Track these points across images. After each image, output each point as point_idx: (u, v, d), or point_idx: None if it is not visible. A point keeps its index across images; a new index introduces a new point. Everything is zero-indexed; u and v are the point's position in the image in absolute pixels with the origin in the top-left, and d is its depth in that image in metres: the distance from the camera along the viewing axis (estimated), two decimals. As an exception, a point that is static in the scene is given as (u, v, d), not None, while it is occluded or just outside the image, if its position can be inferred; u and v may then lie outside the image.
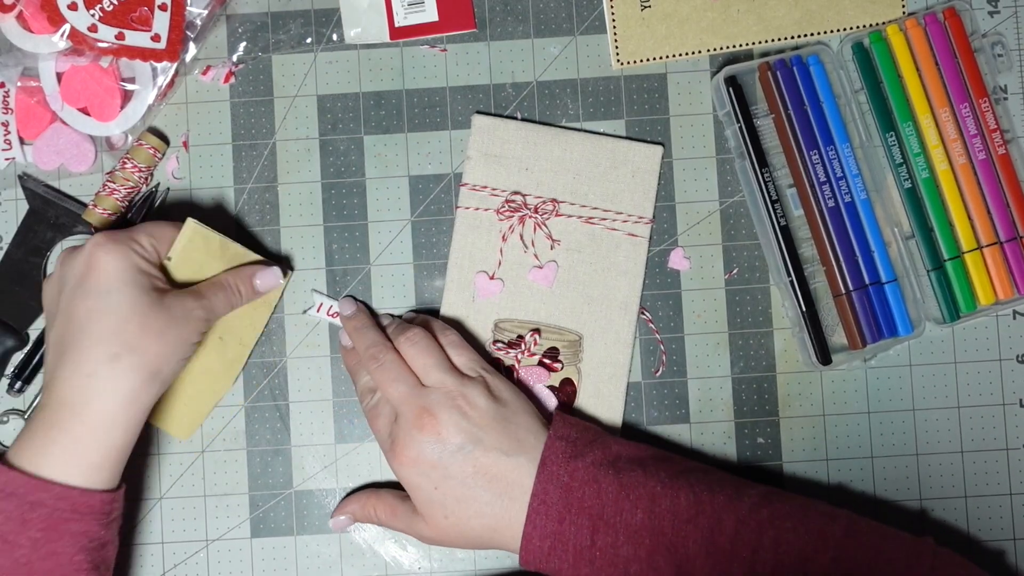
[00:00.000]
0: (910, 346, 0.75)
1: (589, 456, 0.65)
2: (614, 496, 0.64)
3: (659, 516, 0.63)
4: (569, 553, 0.64)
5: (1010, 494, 0.75)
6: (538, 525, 0.64)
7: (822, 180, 0.73)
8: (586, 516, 0.63)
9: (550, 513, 0.64)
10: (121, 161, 0.73)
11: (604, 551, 0.63)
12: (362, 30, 0.75)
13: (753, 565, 0.62)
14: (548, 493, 0.64)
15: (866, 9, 0.75)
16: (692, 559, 0.62)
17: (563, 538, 0.64)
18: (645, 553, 0.62)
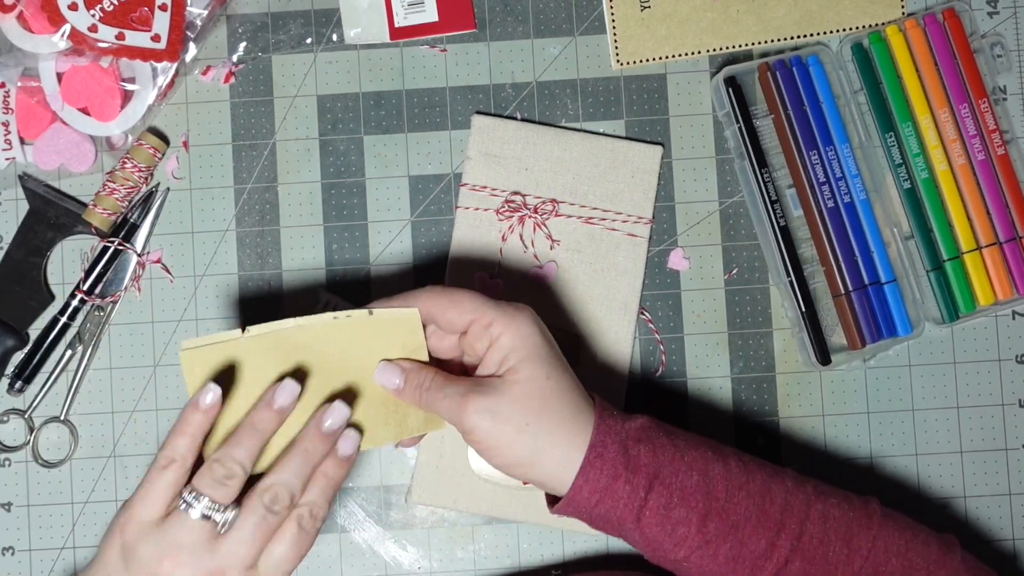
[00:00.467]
0: (909, 346, 0.75)
1: (639, 419, 0.63)
2: (669, 457, 0.62)
3: (713, 480, 0.62)
4: (618, 509, 0.61)
5: (1009, 494, 0.75)
6: (591, 478, 0.61)
7: (821, 180, 0.73)
8: (643, 475, 0.61)
9: (605, 468, 0.61)
10: (121, 161, 0.73)
11: (655, 511, 0.61)
12: (362, 30, 0.75)
13: (800, 537, 0.62)
14: (606, 446, 0.61)
15: (865, 10, 0.75)
16: (743, 526, 0.61)
17: (615, 494, 0.61)
18: (697, 517, 0.61)
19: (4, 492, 0.74)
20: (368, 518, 0.74)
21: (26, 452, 0.74)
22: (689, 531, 0.61)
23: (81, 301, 0.74)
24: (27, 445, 0.74)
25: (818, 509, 0.63)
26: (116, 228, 0.74)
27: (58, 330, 0.74)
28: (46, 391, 0.74)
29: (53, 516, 0.74)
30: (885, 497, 0.74)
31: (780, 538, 0.62)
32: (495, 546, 0.74)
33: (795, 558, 0.61)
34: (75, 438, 0.74)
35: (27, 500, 0.74)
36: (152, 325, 0.75)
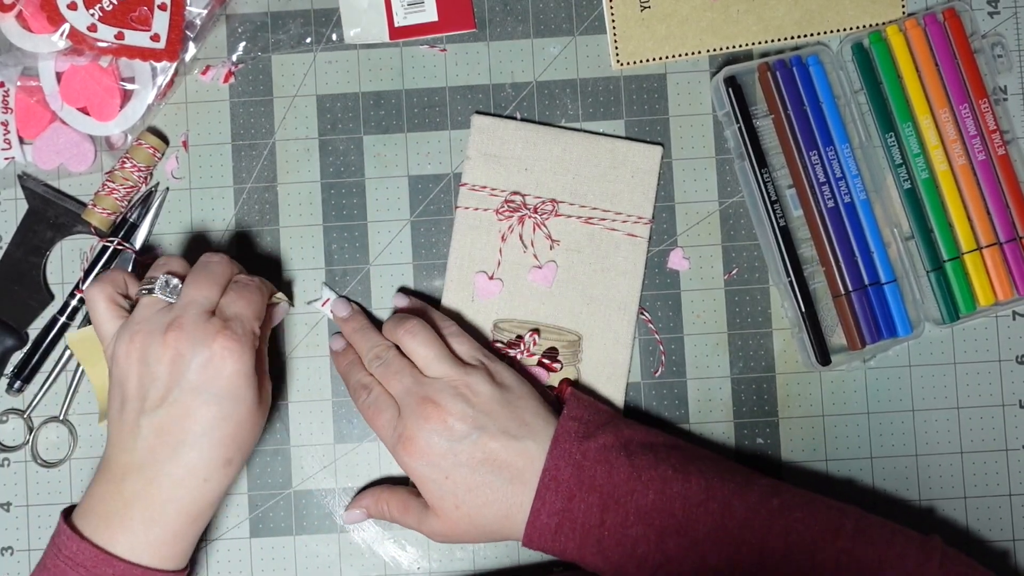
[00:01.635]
0: (909, 347, 0.75)
1: (601, 438, 0.65)
2: (626, 477, 0.64)
3: (670, 499, 0.63)
4: (576, 532, 0.64)
5: (1010, 495, 0.75)
6: (547, 501, 0.64)
7: (821, 181, 0.73)
8: (597, 495, 0.63)
9: (560, 490, 0.64)
10: (120, 161, 0.73)
11: (613, 531, 0.63)
12: (362, 30, 0.75)
13: (762, 552, 0.62)
14: (560, 470, 0.64)
15: (866, 9, 0.75)
16: (701, 542, 0.62)
17: (572, 516, 0.63)
18: (655, 535, 0.62)
19: (4, 492, 0.74)
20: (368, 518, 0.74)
21: (25, 452, 0.74)
22: (649, 549, 0.63)
23: (81, 301, 0.74)
24: (26, 445, 0.74)
25: (781, 524, 0.63)
26: (115, 228, 0.74)
27: (58, 330, 0.74)
28: (45, 391, 0.74)
29: (53, 516, 0.74)
30: (885, 498, 0.74)
31: (740, 553, 0.62)
32: (495, 546, 0.74)
33: (759, 574, 0.62)
34: (74, 438, 0.74)
35: (26, 500, 0.74)
36: (152, 325, 0.75)
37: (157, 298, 0.65)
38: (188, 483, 0.63)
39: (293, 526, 0.74)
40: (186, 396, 0.62)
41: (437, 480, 0.65)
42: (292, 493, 0.74)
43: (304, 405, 0.75)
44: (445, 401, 0.65)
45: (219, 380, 0.62)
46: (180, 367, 0.62)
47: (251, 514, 0.74)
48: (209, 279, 0.65)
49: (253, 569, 0.74)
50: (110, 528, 0.63)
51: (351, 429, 0.75)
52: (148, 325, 0.63)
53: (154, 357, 0.63)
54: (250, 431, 0.65)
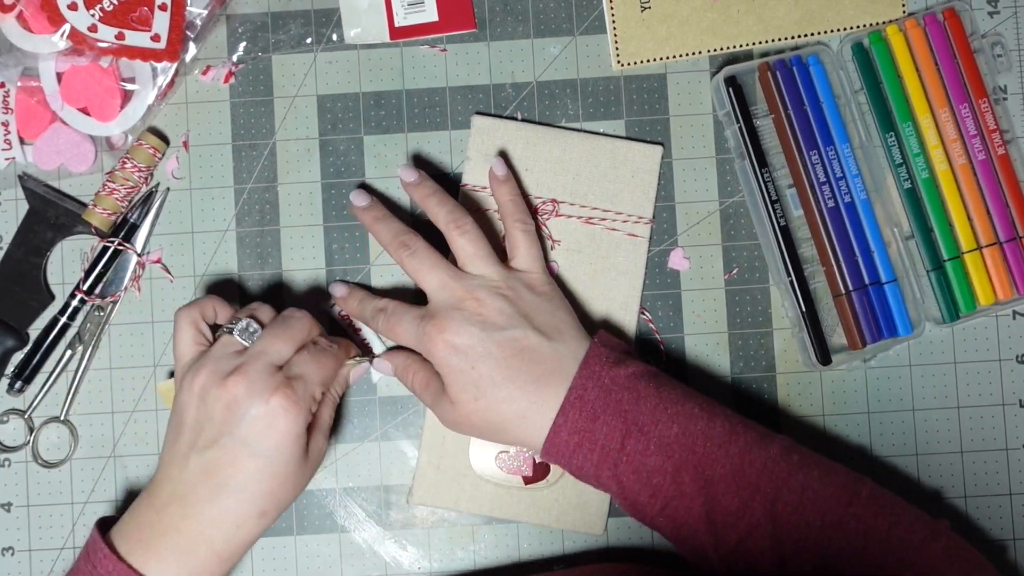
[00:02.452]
0: (910, 346, 0.75)
1: (631, 366, 0.65)
2: (652, 406, 0.63)
3: (693, 435, 0.63)
4: (595, 452, 0.63)
5: (1010, 494, 0.75)
6: (570, 419, 0.63)
7: (822, 180, 0.73)
8: (621, 419, 0.63)
9: (585, 409, 0.63)
10: (121, 161, 0.73)
11: (631, 457, 0.63)
12: (362, 30, 0.75)
13: (775, 502, 0.62)
14: (587, 389, 0.64)
15: (866, 9, 0.75)
16: (717, 483, 0.62)
17: (593, 436, 0.63)
18: (672, 467, 0.62)
19: (4, 492, 0.74)
20: (368, 518, 0.74)
21: (26, 452, 0.74)
22: (663, 480, 0.63)
23: (81, 301, 0.74)
24: (27, 445, 0.74)
25: (798, 480, 0.63)
26: (116, 228, 0.74)
27: (58, 330, 0.74)
28: (46, 391, 0.74)
29: (53, 516, 0.74)
30: (885, 497, 0.74)
31: (753, 500, 0.62)
32: (495, 546, 0.74)
33: (766, 522, 0.62)
34: (75, 438, 0.74)
35: (27, 500, 0.74)
36: (152, 325, 0.75)
37: (235, 339, 0.65)
38: (222, 526, 0.63)
39: (294, 526, 0.74)
40: (235, 444, 0.63)
41: (462, 369, 0.65)
42: (293, 493, 0.74)
43: (305, 405, 0.74)
44: (484, 296, 0.65)
45: (268, 437, 0.63)
46: (235, 414, 0.63)
47: (252, 514, 0.74)
48: (286, 333, 0.65)
49: (254, 569, 0.74)
50: (146, 553, 0.63)
51: (351, 429, 0.75)
52: (217, 364, 0.64)
53: (213, 397, 0.63)
54: (290, 489, 0.65)
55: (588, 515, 0.73)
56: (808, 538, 0.62)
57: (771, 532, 0.62)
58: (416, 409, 0.75)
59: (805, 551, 0.62)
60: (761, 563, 0.62)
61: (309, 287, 0.75)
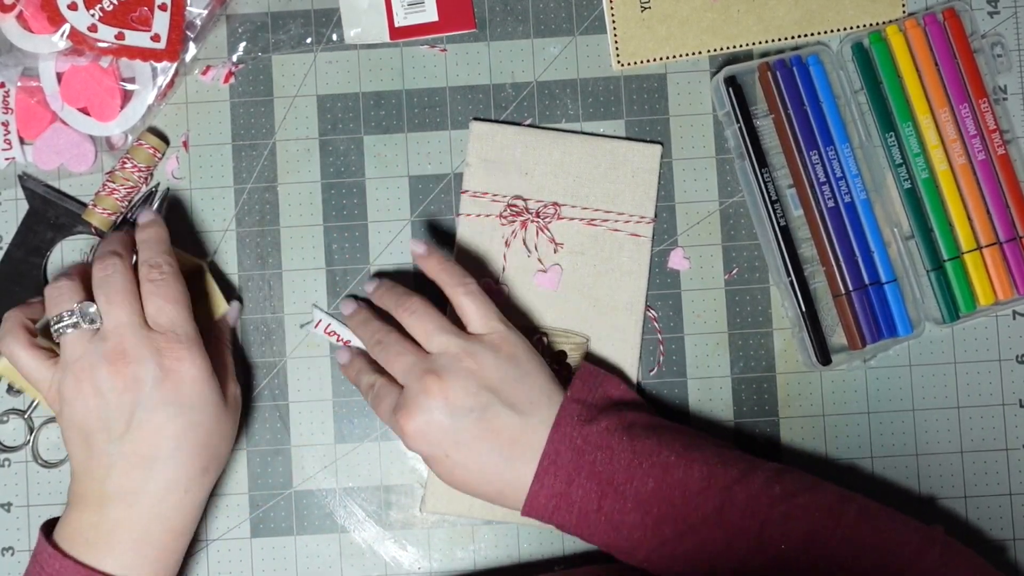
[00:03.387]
0: (910, 346, 0.75)
1: (604, 421, 0.64)
2: (626, 463, 0.63)
3: (670, 486, 0.63)
4: (573, 514, 0.63)
5: (1010, 494, 0.75)
6: (545, 484, 0.63)
7: (822, 180, 0.73)
8: (595, 481, 0.63)
9: (559, 474, 0.63)
10: (121, 161, 0.73)
11: (610, 516, 0.63)
12: (362, 30, 0.75)
13: (760, 538, 0.62)
14: (559, 454, 0.63)
15: (866, 9, 0.75)
16: (699, 529, 0.62)
17: (569, 499, 0.63)
18: (652, 521, 0.62)
19: (4, 492, 0.74)
20: (368, 518, 0.74)
21: (26, 452, 0.74)
22: (644, 534, 0.63)
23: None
24: (27, 445, 0.74)
25: (780, 511, 0.62)
26: (116, 228, 0.74)
27: (58, 330, 0.74)
28: (46, 391, 0.74)
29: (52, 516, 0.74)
30: (884, 497, 0.74)
31: (738, 540, 0.62)
32: (495, 546, 0.74)
33: (753, 557, 0.62)
34: (75, 438, 0.74)
35: (27, 500, 0.74)
36: (152, 325, 0.75)
37: (83, 331, 0.64)
38: (170, 498, 0.63)
39: (294, 526, 0.74)
40: (150, 414, 0.63)
41: (438, 457, 0.64)
42: (293, 493, 0.74)
43: (305, 405, 0.75)
44: (447, 375, 0.64)
45: (180, 391, 0.63)
46: (138, 388, 0.63)
47: (251, 514, 0.74)
48: (120, 293, 0.64)
49: (253, 569, 0.74)
50: (97, 553, 0.63)
51: (352, 429, 0.75)
52: (88, 360, 0.63)
53: (108, 388, 0.63)
54: (220, 438, 0.65)
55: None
56: (798, 565, 0.61)
57: (760, 565, 0.62)
58: (416, 409, 0.74)
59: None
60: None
61: (309, 287, 0.75)
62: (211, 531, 0.74)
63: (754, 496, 0.63)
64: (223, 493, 0.74)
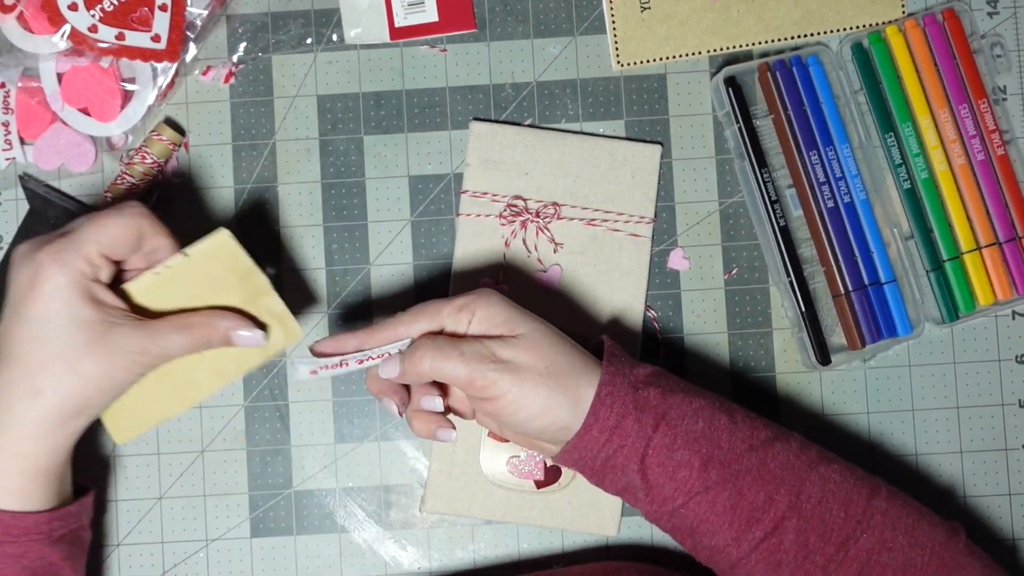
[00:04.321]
0: (909, 346, 0.75)
1: (649, 367, 0.64)
2: (678, 401, 0.63)
3: (718, 429, 0.63)
4: (625, 447, 0.62)
5: (1009, 494, 0.75)
6: (600, 417, 0.61)
7: (821, 180, 0.73)
8: (650, 415, 0.62)
9: (615, 406, 0.61)
10: (140, 154, 0.73)
11: (658, 451, 0.62)
12: (362, 30, 0.75)
13: (799, 496, 0.62)
14: (616, 385, 0.62)
15: (866, 10, 0.75)
16: (743, 476, 0.62)
17: (623, 431, 0.61)
18: (699, 461, 0.62)
19: (4, 492, 0.74)
20: (368, 518, 0.74)
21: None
22: (690, 475, 0.62)
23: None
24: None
25: (819, 472, 0.63)
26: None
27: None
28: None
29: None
30: (885, 497, 0.74)
31: (778, 493, 0.62)
32: (495, 546, 0.74)
33: (791, 515, 0.62)
34: (75, 438, 0.74)
35: (27, 500, 0.74)
36: (152, 325, 0.75)
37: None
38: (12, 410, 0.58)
39: (294, 526, 0.74)
40: (9, 313, 0.59)
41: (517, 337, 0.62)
42: (293, 493, 0.74)
43: (304, 405, 0.75)
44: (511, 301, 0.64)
45: (31, 298, 0.57)
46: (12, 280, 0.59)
47: (251, 514, 0.74)
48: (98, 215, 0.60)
49: (253, 569, 0.74)
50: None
51: (352, 429, 0.75)
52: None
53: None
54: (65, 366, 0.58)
55: (601, 517, 0.73)
56: (833, 531, 0.62)
57: (796, 526, 0.62)
58: (416, 409, 0.74)
59: (830, 544, 0.62)
60: (785, 558, 0.62)
61: (309, 287, 0.75)
62: (211, 531, 0.74)
63: (794, 453, 0.63)
64: (223, 493, 0.74)
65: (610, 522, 0.73)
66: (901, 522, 0.62)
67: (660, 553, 0.74)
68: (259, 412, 0.75)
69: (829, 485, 0.63)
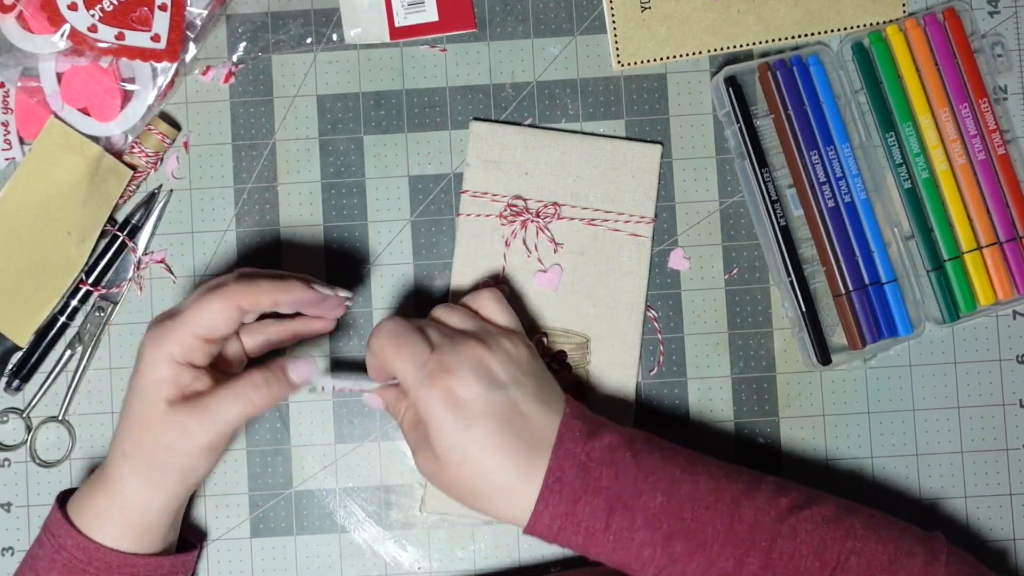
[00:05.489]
0: (910, 346, 0.75)
1: (606, 437, 0.62)
2: (632, 478, 0.61)
3: (679, 501, 0.61)
4: (580, 534, 0.61)
5: (1010, 494, 0.75)
6: (551, 504, 0.61)
7: (822, 180, 0.73)
8: (603, 498, 0.61)
9: (564, 493, 0.61)
10: (129, 145, 0.73)
11: (618, 534, 0.61)
12: (362, 30, 0.75)
13: (770, 553, 0.61)
14: (564, 471, 0.61)
15: (866, 9, 0.75)
16: (709, 544, 0.61)
17: (576, 519, 0.61)
18: (662, 538, 0.61)
19: (4, 492, 0.74)
20: (368, 518, 0.74)
21: (25, 453, 0.74)
22: (654, 552, 0.61)
23: (82, 300, 0.74)
24: (25, 444, 0.74)
25: (790, 524, 0.62)
26: (120, 226, 0.74)
27: (57, 330, 0.74)
28: (45, 391, 0.74)
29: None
30: (885, 497, 0.74)
31: (749, 556, 0.61)
32: (495, 546, 0.74)
33: (766, 572, 0.61)
34: (73, 438, 0.74)
35: (27, 500, 0.74)
36: (152, 325, 0.75)
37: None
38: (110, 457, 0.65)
39: (294, 526, 0.74)
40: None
41: (455, 428, 0.61)
42: (293, 493, 0.74)
43: (304, 405, 0.75)
44: (490, 343, 0.63)
45: (134, 372, 0.64)
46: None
47: (251, 514, 0.74)
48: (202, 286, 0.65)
49: (253, 569, 0.74)
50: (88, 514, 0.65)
51: (352, 429, 0.75)
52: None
53: None
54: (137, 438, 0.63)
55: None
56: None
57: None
58: (416, 409, 0.74)
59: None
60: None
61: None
62: (211, 531, 0.74)
63: (762, 509, 0.62)
64: (223, 493, 0.74)
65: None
66: (876, 559, 0.61)
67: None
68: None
69: (800, 536, 0.61)
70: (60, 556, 0.64)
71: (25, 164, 0.72)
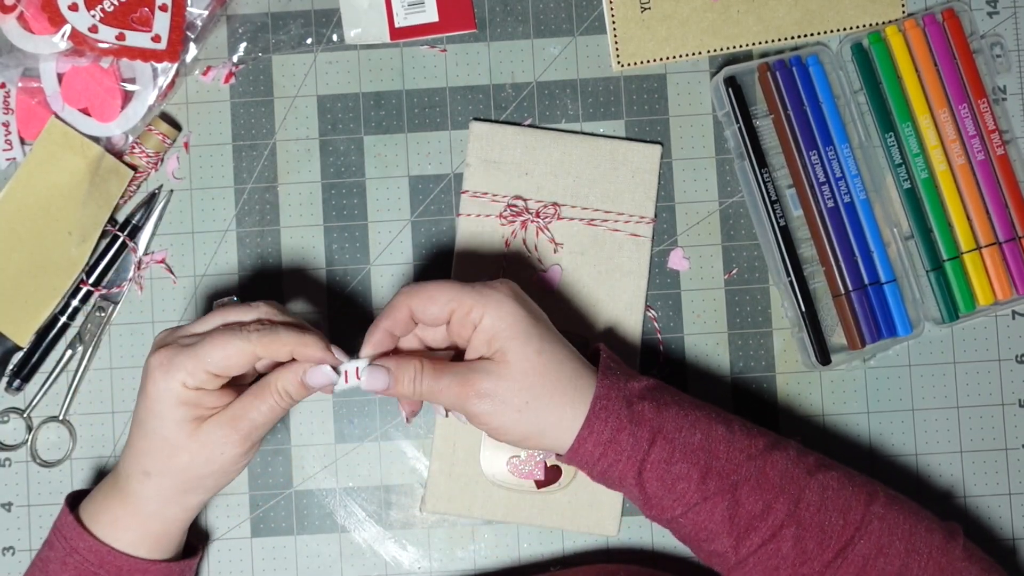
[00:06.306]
0: (909, 346, 0.75)
1: (644, 380, 0.64)
2: (673, 415, 0.63)
3: (715, 440, 0.63)
4: (621, 461, 0.62)
5: (1009, 494, 0.75)
6: (595, 429, 0.62)
7: (821, 180, 0.73)
8: (646, 428, 0.62)
9: (609, 420, 0.62)
10: (130, 146, 0.73)
11: (656, 464, 0.62)
12: (362, 30, 0.75)
13: (797, 503, 0.62)
14: (610, 399, 0.62)
15: (865, 10, 0.75)
16: (741, 486, 0.62)
17: (619, 446, 0.62)
18: (698, 473, 0.62)
19: (4, 492, 0.74)
20: (368, 518, 0.74)
21: (26, 452, 0.74)
22: (688, 487, 0.62)
23: (82, 300, 0.74)
24: (25, 444, 0.74)
25: (818, 479, 0.63)
26: (120, 226, 0.74)
27: (58, 330, 0.74)
28: (45, 391, 0.74)
29: (53, 516, 0.74)
30: (885, 497, 0.74)
31: (777, 502, 0.62)
32: (495, 546, 0.74)
33: (790, 523, 0.62)
34: (73, 438, 0.75)
35: (27, 500, 0.74)
36: (152, 325, 0.75)
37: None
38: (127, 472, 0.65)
39: (294, 526, 0.74)
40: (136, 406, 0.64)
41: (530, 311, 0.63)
42: (293, 493, 0.74)
43: (304, 405, 0.75)
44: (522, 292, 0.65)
45: (143, 398, 0.63)
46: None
47: (252, 514, 0.74)
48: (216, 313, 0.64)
49: (254, 569, 0.74)
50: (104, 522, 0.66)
51: (352, 429, 0.75)
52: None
53: None
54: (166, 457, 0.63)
55: (601, 517, 0.73)
56: (831, 537, 0.62)
57: (794, 533, 0.62)
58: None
59: (828, 550, 0.62)
60: (783, 563, 0.62)
61: (309, 288, 0.75)
62: (212, 531, 0.74)
63: (792, 461, 0.63)
64: (223, 492, 0.74)
65: (610, 522, 0.73)
66: (899, 528, 0.63)
67: (661, 556, 0.74)
68: (259, 412, 0.74)
69: (827, 492, 0.63)
70: (72, 559, 0.64)
71: (26, 164, 0.72)
